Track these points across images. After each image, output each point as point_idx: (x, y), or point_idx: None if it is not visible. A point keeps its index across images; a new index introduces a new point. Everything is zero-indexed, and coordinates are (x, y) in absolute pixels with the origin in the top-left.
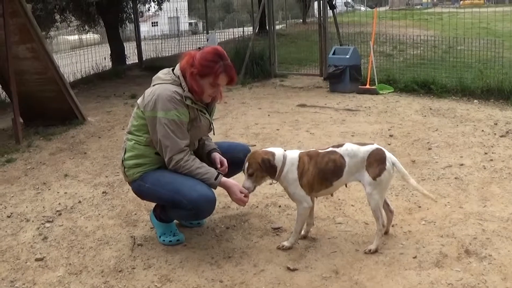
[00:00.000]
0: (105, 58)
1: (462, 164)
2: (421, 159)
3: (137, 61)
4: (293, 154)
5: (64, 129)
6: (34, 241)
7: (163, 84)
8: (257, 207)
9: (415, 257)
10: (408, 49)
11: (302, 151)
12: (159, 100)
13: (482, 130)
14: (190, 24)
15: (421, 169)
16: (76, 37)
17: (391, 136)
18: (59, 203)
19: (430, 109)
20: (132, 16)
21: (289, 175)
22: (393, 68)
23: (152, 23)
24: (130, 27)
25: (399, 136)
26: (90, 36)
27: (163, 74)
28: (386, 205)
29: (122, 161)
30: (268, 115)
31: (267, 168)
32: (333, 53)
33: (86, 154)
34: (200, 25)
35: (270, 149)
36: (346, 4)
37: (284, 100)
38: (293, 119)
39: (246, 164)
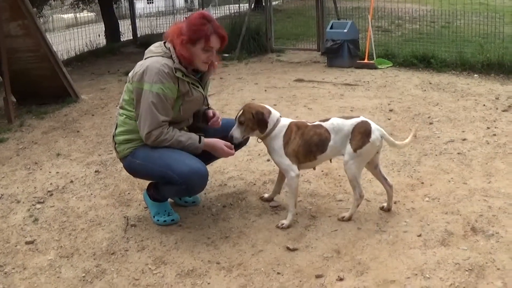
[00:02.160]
0: (99, 36)
1: (464, 139)
2: (423, 134)
3: (131, 38)
4: (284, 121)
5: (57, 108)
6: (25, 223)
7: (153, 56)
8: (254, 184)
9: (419, 235)
10: (406, 24)
11: (293, 120)
12: (147, 71)
13: (484, 105)
14: (185, 1)
15: (422, 144)
16: (71, 15)
17: (391, 111)
18: (51, 183)
19: (430, 83)
20: None
21: (275, 139)
22: (391, 42)
23: (147, 0)
24: (125, 4)
25: (399, 111)
26: (86, 15)
27: (155, 47)
28: (384, 179)
29: (113, 136)
30: (265, 91)
31: (259, 120)
32: (331, 27)
33: (79, 133)
34: (196, 2)
35: (268, 107)
36: None
37: (281, 75)
38: (291, 94)
39: (240, 112)
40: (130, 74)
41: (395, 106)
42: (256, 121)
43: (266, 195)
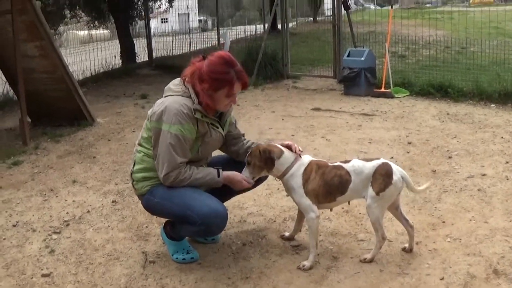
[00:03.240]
0: (115, 56)
1: (484, 174)
2: (442, 169)
3: (147, 59)
4: (304, 159)
5: (73, 130)
6: (41, 254)
7: (173, 96)
8: (274, 221)
9: (442, 279)
10: (421, 50)
11: (314, 159)
12: (166, 112)
13: (502, 137)
14: (199, 21)
15: (442, 179)
16: (86, 32)
17: (409, 143)
18: (67, 212)
19: (448, 114)
20: (143, 13)
21: (294, 178)
22: (407, 70)
23: (161, 19)
24: (140, 23)
25: (418, 144)
26: (100, 32)
27: (174, 85)
28: (405, 220)
29: (131, 173)
30: (282, 119)
31: (265, 159)
32: (348, 55)
33: (95, 159)
34: (210, 22)
35: (284, 147)
36: (355, 2)
37: (297, 103)
38: (308, 123)
39: (248, 152)
40: (149, 112)
41: (413, 138)
42: (263, 160)
43: (286, 234)
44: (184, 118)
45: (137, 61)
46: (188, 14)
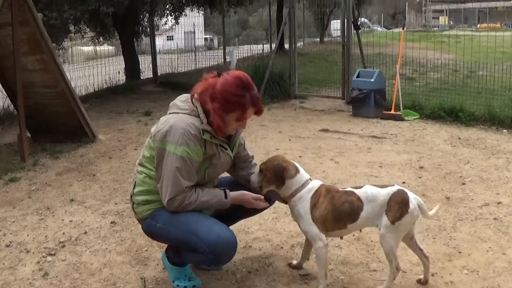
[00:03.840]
0: (119, 72)
1: (499, 203)
2: (456, 196)
3: (152, 76)
4: (314, 183)
5: (73, 147)
6: (34, 277)
7: (179, 114)
8: (281, 247)
9: None
10: (429, 73)
11: (324, 183)
12: (172, 131)
13: None
14: (205, 39)
15: (457, 207)
16: (91, 48)
17: (421, 168)
18: (63, 233)
19: (459, 138)
20: (148, 29)
21: (301, 202)
22: (416, 92)
23: (167, 37)
24: (145, 40)
25: (430, 168)
26: (105, 48)
27: (181, 101)
28: (419, 251)
29: (131, 196)
30: (289, 140)
31: (276, 174)
32: (357, 76)
33: (95, 177)
34: (215, 40)
35: (298, 166)
36: (362, 24)
37: (305, 123)
38: (316, 145)
39: (263, 161)
40: (152, 130)
41: (425, 162)
42: (273, 174)
43: (294, 262)
44: (191, 139)
45: (142, 77)
46: (194, 32)
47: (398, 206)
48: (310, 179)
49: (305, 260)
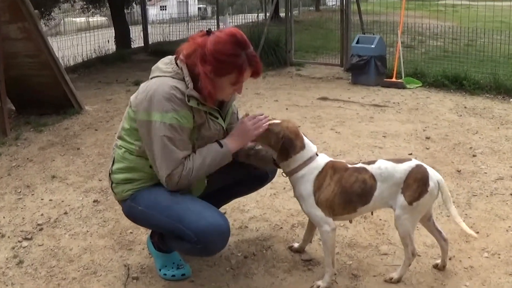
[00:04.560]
0: (108, 41)
1: None
2: (467, 169)
3: (143, 44)
4: (320, 160)
5: (58, 119)
6: (7, 265)
7: (161, 77)
8: (281, 228)
9: None
10: (428, 41)
11: (332, 159)
12: (155, 97)
13: None
14: (199, 8)
15: (469, 181)
16: (84, 19)
17: (427, 138)
18: (42, 214)
19: (465, 107)
20: None
21: (303, 182)
22: (416, 60)
23: (160, 7)
24: (138, 10)
25: (437, 139)
26: (98, 19)
27: (164, 64)
28: (438, 233)
29: (110, 174)
30: (286, 109)
31: (282, 146)
32: (357, 42)
33: (79, 150)
34: (209, 10)
35: (307, 140)
36: None
37: (302, 91)
38: (315, 114)
39: (276, 123)
40: (132, 99)
41: (431, 132)
42: (279, 147)
43: (296, 245)
44: (178, 103)
45: (133, 46)
46: (187, 1)
47: (417, 184)
48: (316, 153)
49: (308, 243)
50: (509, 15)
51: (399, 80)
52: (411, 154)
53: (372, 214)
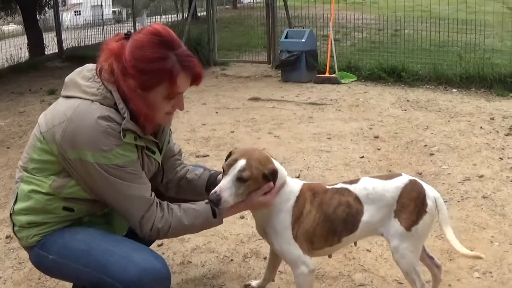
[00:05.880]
0: (21, 48)
1: (481, 176)
2: (428, 170)
3: (57, 51)
4: (294, 184)
5: None
6: None
7: (85, 101)
8: (231, 260)
9: None
10: (353, 33)
11: (304, 182)
12: (81, 134)
13: (481, 127)
14: (114, 12)
15: (434, 184)
16: None
17: (376, 137)
18: None
19: (408, 100)
20: (52, 1)
21: (279, 213)
22: (345, 53)
23: (75, 12)
24: (52, 15)
25: (387, 138)
26: (12, 27)
27: (85, 79)
28: (428, 258)
29: (11, 214)
30: (216, 113)
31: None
32: (285, 37)
33: None
34: (124, 13)
35: (274, 160)
36: None
37: (231, 92)
38: (248, 117)
39: (242, 163)
40: (41, 122)
41: (379, 131)
42: (261, 183)
43: (253, 283)
44: (118, 137)
45: (47, 53)
46: (102, 5)
47: (414, 204)
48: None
49: (269, 282)
50: (429, 4)
51: (332, 75)
52: (362, 157)
53: (355, 244)
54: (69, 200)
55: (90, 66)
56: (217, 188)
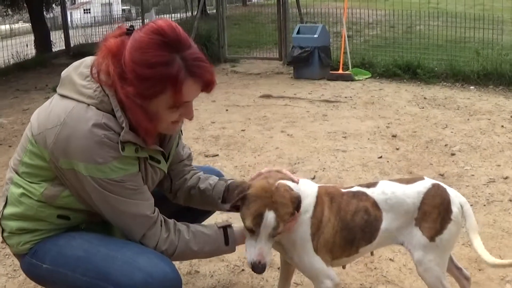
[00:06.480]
0: (27, 45)
1: (506, 178)
2: (450, 171)
3: (64, 48)
4: (308, 188)
5: None
6: None
7: (80, 104)
8: (242, 270)
9: None
10: (365, 30)
11: (319, 184)
12: (73, 145)
13: (502, 126)
14: (123, 10)
15: (458, 187)
16: (7, 26)
17: (394, 136)
18: None
19: (425, 98)
20: None
21: (296, 228)
22: (358, 50)
23: (84, 10)
24: (59, 13)
25: (405, 137)
26: (21, 26)
27: (81, 77)
28: (457, 270)
29: (0, 219)
30: (226, 110)
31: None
32: (297, 32)
33: None
34: (133, 11)
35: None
36: None
37: (241, 89)
38: (260, 115)
39: (271, 218)
40: (35, 125)
41: (397, 129)
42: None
43: None
44: (116, 148)
45: (54, 50)
46: (111, 4)
47: (437, 211)
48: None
49: None
50: (441, 1)
51: (346, 72)
52: (381, 157)
53: (372, 254)
54: (64, 208)
55: (89, 61)
56: (255, 257)
